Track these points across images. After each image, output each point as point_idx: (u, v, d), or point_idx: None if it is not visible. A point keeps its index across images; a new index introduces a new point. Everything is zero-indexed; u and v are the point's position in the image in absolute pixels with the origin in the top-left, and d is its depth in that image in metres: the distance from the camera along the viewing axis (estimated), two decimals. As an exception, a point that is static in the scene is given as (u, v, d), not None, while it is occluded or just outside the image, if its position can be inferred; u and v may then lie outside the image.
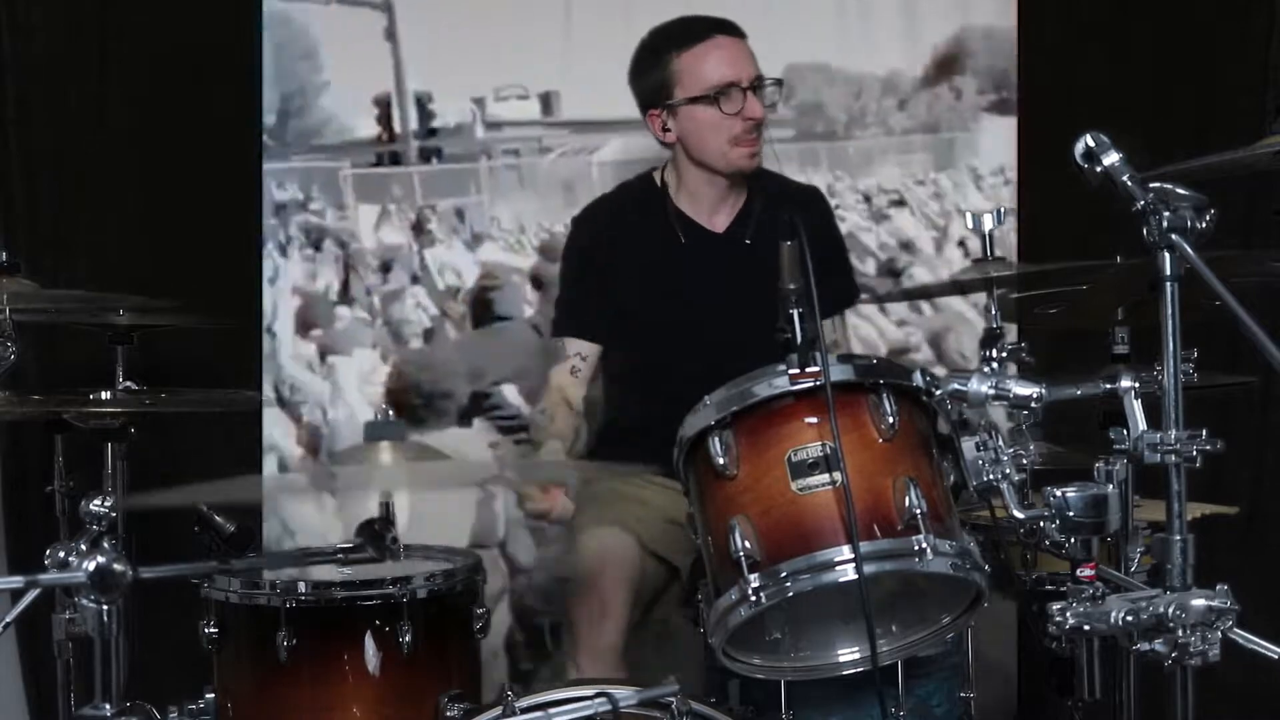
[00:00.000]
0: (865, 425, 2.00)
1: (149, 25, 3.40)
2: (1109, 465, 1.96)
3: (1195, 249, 1.79)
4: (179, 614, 2.32)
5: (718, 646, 2.02)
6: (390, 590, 2.19)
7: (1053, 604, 1.91)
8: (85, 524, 1.93)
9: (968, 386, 2.02)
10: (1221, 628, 1.79)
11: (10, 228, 3.32)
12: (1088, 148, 1.88)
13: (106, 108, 3.40)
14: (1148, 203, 1.81)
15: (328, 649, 2.21)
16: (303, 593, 2.20)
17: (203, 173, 3.38)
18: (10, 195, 3.35)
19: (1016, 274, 2.55)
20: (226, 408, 2.95)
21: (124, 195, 3.41)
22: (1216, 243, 1.83)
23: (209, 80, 3.40)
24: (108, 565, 1.85)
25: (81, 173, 3.40)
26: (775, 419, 2.00)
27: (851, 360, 2.06)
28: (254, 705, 2.24)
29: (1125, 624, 1.81)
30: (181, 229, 3.37)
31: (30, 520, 3.24)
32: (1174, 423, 1.81)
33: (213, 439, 3.22)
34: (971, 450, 2.00)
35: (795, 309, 1.98)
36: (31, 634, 3.12)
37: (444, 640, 2.27)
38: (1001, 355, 2.19)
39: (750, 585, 1.91)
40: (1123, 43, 3.57)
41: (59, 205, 3.38)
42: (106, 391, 2.64)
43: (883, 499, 1.95)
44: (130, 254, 3.37)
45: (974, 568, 1.97)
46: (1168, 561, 1.81)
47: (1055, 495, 1.95)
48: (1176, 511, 1.81)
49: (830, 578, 1.91)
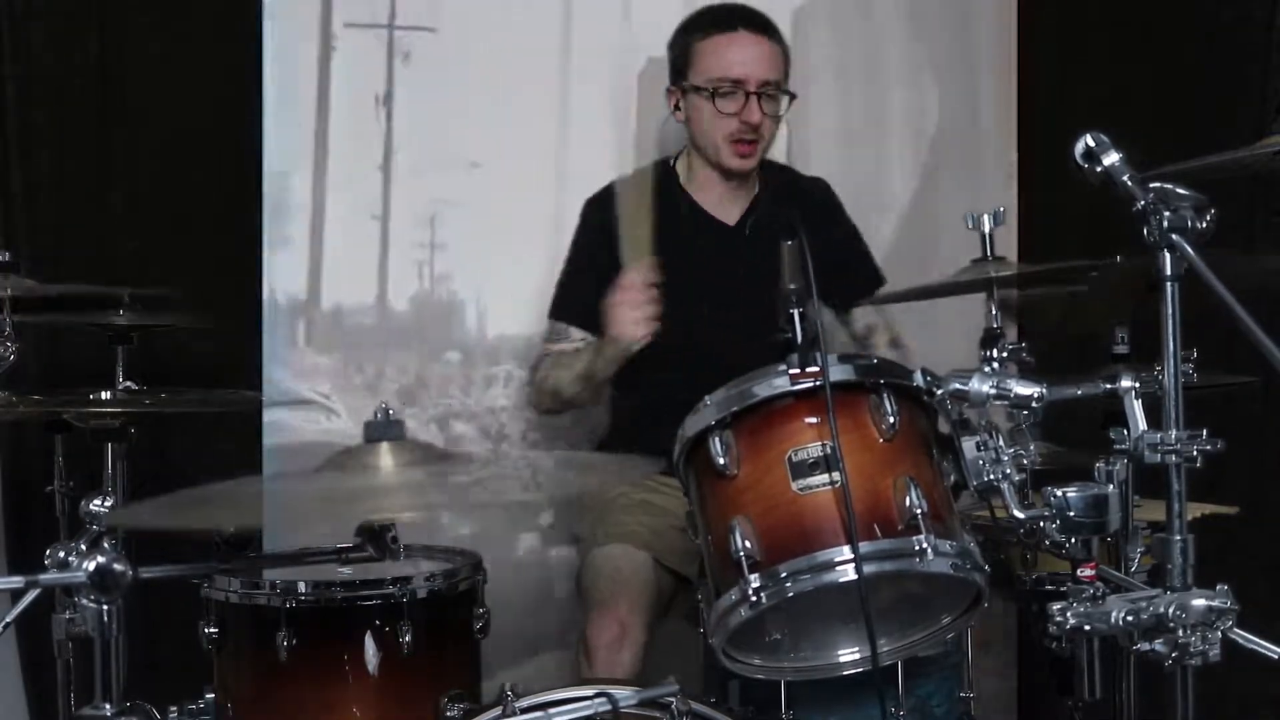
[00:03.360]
0: (865, 425, 2.00)
1: (149, 25, 3.40)
2: (1109, 465, 1.96)
3: (1195, 249, 1.79)
4: (179, 614, 2.32)
5: (718, 647, 2.02)
6: (390, 590, 2.19)
7: (1053, 604, 1.91)
8: (85, 524, 1.93)
9: (968, 386, 2.02)
10: (1221, 628, 1.79)
11: (10, 228, 3.32)
12: (1088, 148, 1.88)
13: (106, 108, 3.39)
14: (1148, 203, 1.81)
15: (328, 649, 2.21)
16: (303, 593, 2.20)
17: (203, 172, 3.38)
18: (10, 195, 3.34)
19: (1016, 274, 2.55)
20: (226, 408, 2.95)
21: (124, 195, 3.40)
22: (1217, 242, 1.83)
23: (209, 78, 3.39)
24: (108, 565, 1.85)
25: (82, 173, 3.39)
26: (775, 419, 2.00)
27: (852, 360, 2.06)
28: (254, 705, 2.24)
29: (1125, 624, 1.81)
30: (182, 229, 3.37)
31: (30, 520, 3.23)
32: (1174, 423, 1.81)
33: (213, 439, 3.21)
34: (971, 450, 2.00)
35: (795, 309, 1.98)
36: (31, 634, 3.11)
37: (444, 640, 2.27)
38: (1001, 355, 2.18)
39: (750, 585, 1.91)
40: (1123, 43, 3.57)
41: (59, 206, 3.38)
42: (106, 391, 2.64)
43: (883, 499, 1.95)
44: (130, 254, 3.36)
45: (974, 568, 1.97)
46: (1168, 561, 1.81)
47: (1055, 495, 1.96)
48: (1176, 511, 1.81)
49: (830, 578, 1.91)
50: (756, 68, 2.76)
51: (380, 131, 3.34)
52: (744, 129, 2.77)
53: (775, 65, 2.79)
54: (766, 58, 2.77)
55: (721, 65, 2.77)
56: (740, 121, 2.76)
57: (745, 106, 2.75)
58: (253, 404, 3.20)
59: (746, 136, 2.78)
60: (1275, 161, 2.11)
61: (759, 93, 2.76)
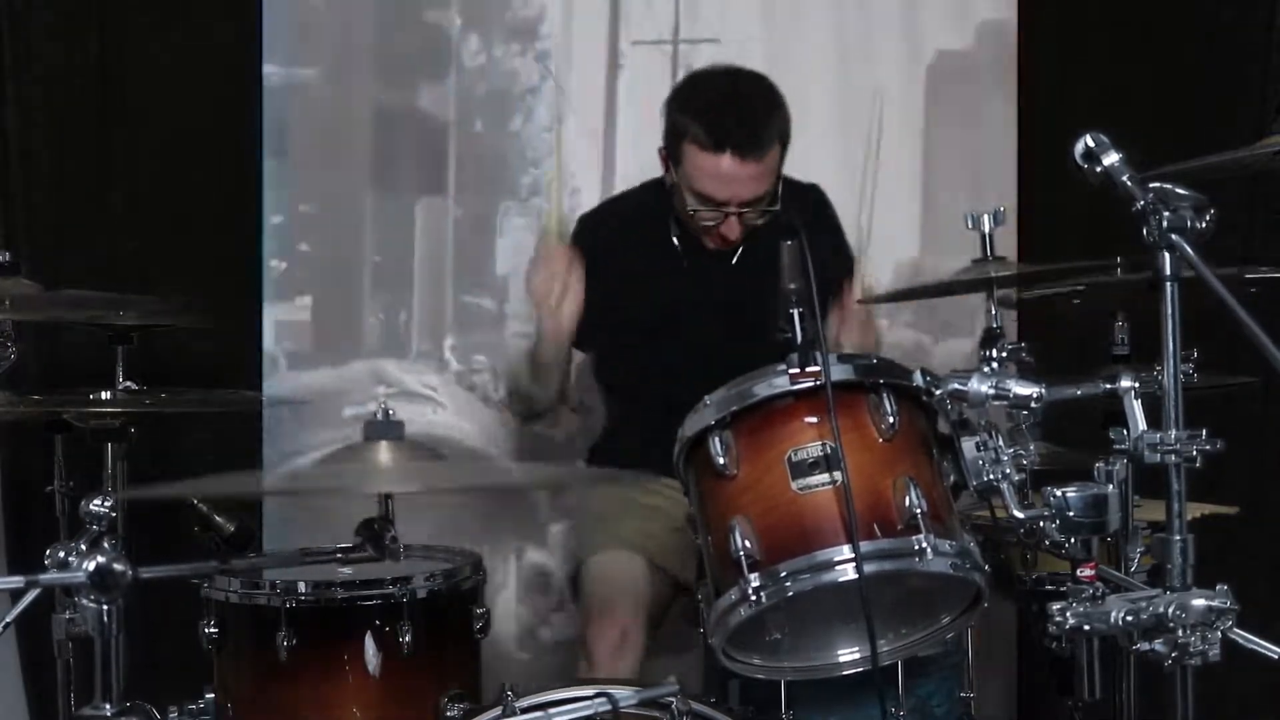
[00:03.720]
0: (865, 425, 2.00)
1: (149, 26, 3.40)
2: (1109, 465, 1.95)
3: (1195, 249, 1.78)
4: (179, 614, 2.32)
5: (718, 646, 2.02)
6: (390, 590, 2.19)
7: (1053, 604, 1.91)
8: (85, 524, 1.93)
9: (968, 386, 2.02)
10: (1221, 628, 1.79)
11: (10, 228, 3.32)
12: (1088, 148, 1.87)
13: (106, 108, 3.39)
14: (1147, 203, 1.81)
15: (328, 649, 2.21)
16: (303, 593, 2.20)
17: (203, 173, 3.38)
18: (10, 195, 3.34)
19: (1016, 274, 2.55)
20: (226, 408, 2.95)
21: (124, 196, 3.40)
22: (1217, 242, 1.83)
23: (209, 80, 3.40)
24: (108, 565, 1.85)
25: (82, 173, 3.39)
26: (775, 419, 2.00)
27: (851, 360, 2.06)
28: (254, 705, 2.24)
29: (1125, 624, 1.81)
30: (182, 229, 3.37)
31: (30, 520, 3.23)
32: (1174, 423, 1.81)
33: (213, 439, 3.22)
34: (971, 450, 2.00)
35: (795, 309, 1.98)
36: (31, 634, 3.11)
37: (444, 640, 2.27)
38: (1001, 355, 2.18)
39: (750, 585, 1.91)
40: (1123, 43, 3.57)
41: (59, 206, 3.38)
42: (106, 391, 2.64)
43: (883, 499, 1.95)
44: (130, 254, 3.36)
45: (974, 568, 1.97)
46: (1168, 561, 1.81)
47: (1055, 495, 1.95)
48: (1176, 511, 1.81)
49: (830, 577, 1.91)
50: (740, 189, 2.65)
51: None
52: (719, 238, 2.72)
53: (761, 183, 2.66)
54: (751, 179, 2.64)
55: (705, 184, 2.65)
56: (717, 232, 2.71)
57: (725, 222, 2.68)
58: (253, 404, 3.21)
59: (725, 236, 2.72)
60: (1275, 161, 2.11)
61: (740, 212, 2.67)
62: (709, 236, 2.74)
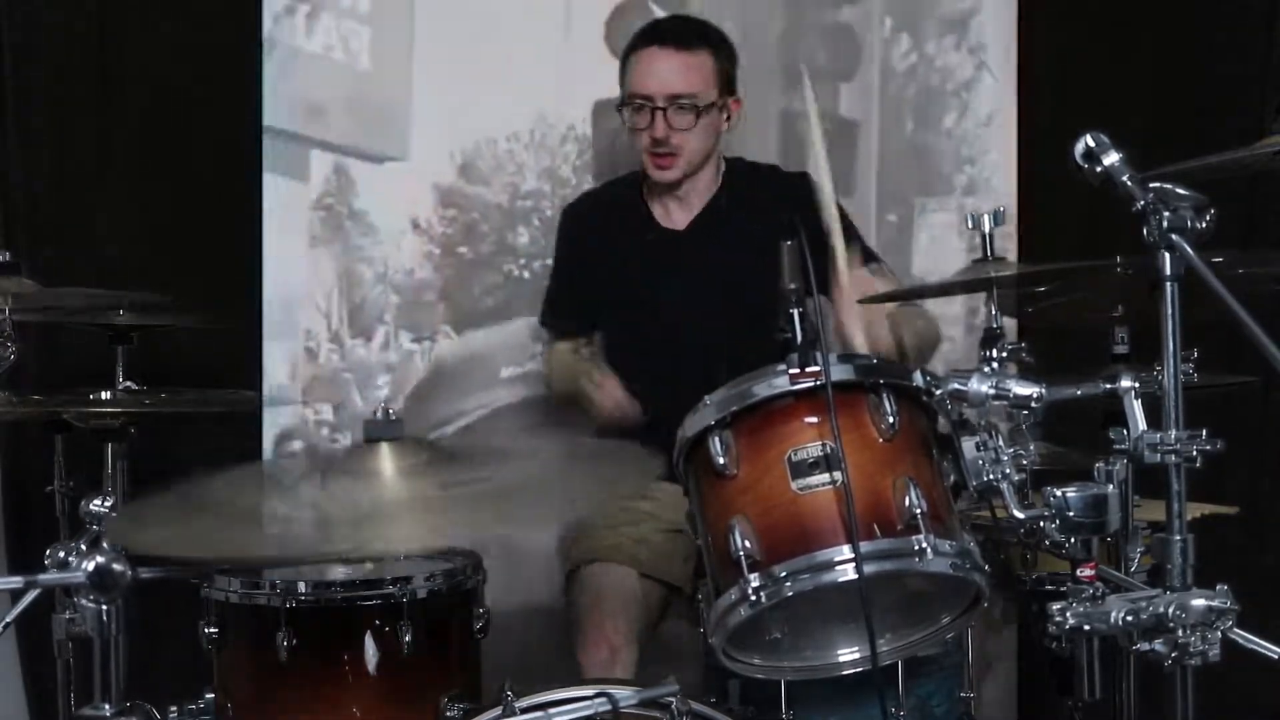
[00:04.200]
0: (865, 425, 2.00)
1: (149, 25, 3.40)
2: (1109, 465, 1.96)
3: (1195, 249, 1.79)
4: (179, 614, 2.31)
5: (718, 646, 2.01)
6: (390, 590, 2.19)
7: (1053, 604, 1.91)
8: (85, 524, 1.93)
9: (968, 386, 2.02)
10: (1221, 628, 1.79)
11: (10, 227, 3.32)
12: (1088, 148, 1.88)
13: (107, 107, 3.39)
14: (1148, 203, 1.81)
15: (328, 649, 2.21)
16: (303, 593, 2.20)
17: (203, 172, 3.38)
18: (10, 194, 3.35)
19: (1016, 274, 2.55)
20: (226, 408, 2.95)
21: (124, 195, 3.40)
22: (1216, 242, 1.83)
23: (209, 80, 3.40)
24: (107, 565, 1.86)
25: (82, 173, 3.39)
26: (775, 419, 2.00)
27: (851, 360, 2.07)
28: (254, 705, 2.23)
29: (1125, 624, 1.81)
30: (182, 229, 3.37)
31: (30, 520, 3.23)
32: (1174, 423, 1.81)
33: (213, 439, 3.21)
34: (971, 450, 2.00)
35: (795, 309, 1.98)
36: (31, 634, 3.12)
37: (444, 640, 2.27)
38: (1001, 355, 2.18)
39: (750, 585, 1.91)
40: (1123, 43, 3.57)
41: (59, 205, 3.38)
42: (106, 391, 2.64)
43: (883, 499, 1.95)
44: (130, 254, 3.36)
45: (974, 568, 1.96)
46: (1168, 561, 1.81)
47: (1055, 495, 1.96)
48: (1176, 511, 1.81)
49: (830, 577, 1.91)
50: (665, 82, 2.72)
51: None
52: (652, 143, 2.77)
53: (689, 79, 2.74)
54: (678, 71, 2.72)
55: (635, 81, 2.76)
56: (649, 136, 2.76)
57: (651, 122, 2.74)
58: (253, 404, 3.21)
59: (658, 150, 2.78)
60: (1275, 161, 2.10)
61: (665, 107, 2.73)
62: (651, 161, 2.79)
